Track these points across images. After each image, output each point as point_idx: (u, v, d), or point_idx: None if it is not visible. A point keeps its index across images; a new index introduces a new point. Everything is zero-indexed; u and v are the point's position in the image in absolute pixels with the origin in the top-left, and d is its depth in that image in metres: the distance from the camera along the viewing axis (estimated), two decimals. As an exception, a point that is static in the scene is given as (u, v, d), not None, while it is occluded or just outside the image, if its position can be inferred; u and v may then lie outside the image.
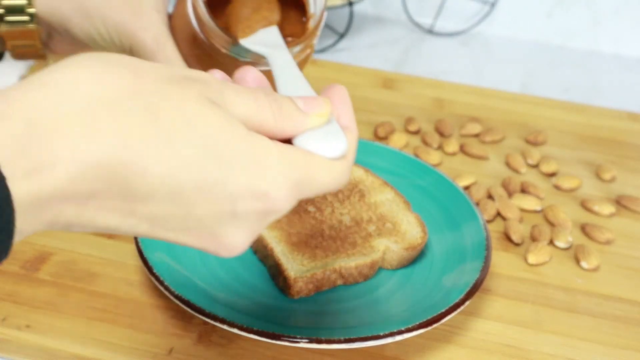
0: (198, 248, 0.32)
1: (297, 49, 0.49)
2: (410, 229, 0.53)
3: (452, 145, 0.68)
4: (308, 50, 0.50)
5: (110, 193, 0.28)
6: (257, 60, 0.49)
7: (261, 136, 0.32)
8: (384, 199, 0.56)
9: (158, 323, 0.47)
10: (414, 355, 0.46)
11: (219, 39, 0.48)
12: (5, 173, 0.25)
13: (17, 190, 0.26)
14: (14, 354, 0.44)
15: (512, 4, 0.92)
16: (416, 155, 0.65)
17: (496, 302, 0.51)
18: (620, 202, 0.63)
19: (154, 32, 0.49)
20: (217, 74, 0.35)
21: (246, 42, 0.48)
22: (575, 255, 0.56)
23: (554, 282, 0.53)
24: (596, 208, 0.61)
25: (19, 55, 0.51)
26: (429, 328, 0.44)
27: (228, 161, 0.30)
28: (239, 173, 0.30)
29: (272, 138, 0.33)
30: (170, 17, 0.51)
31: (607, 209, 0.61)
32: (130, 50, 0.49)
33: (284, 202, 0.32)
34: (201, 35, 0.48)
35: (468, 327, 0.49)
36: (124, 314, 0.47)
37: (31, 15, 0.47)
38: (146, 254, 0.47)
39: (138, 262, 0.51)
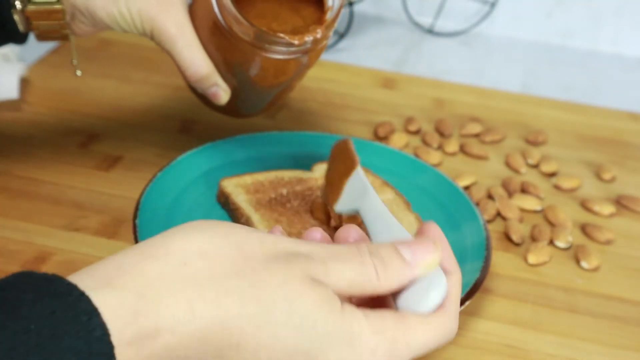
0: None
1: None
2: (410, 229, 0.53)
3: (452, 145, 0.68)
4: (324, 42, 0.51)
5: (204, 356, 0.30)
6: (277, 49, 0.49)
7: (354, 311, 0.32)
8: (384, 199, 0.56)
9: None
10: (414, 355, 0.46)
11: (240, 26, 0.48)
12: (114, 342, 0.27)
13: (121, 355, 0.27)
14: (14, 354, 0.44)
15: (512, 4, 0.92)
16: (416, 155, 0.65)
17: (496, 302, 0.51)
18: (620, 202, 0.63)
19: (174, 17, 0.49)
20: (316, 234, 0.37)
21: (339, 206, 0.47)
22: (576, 255, 0.56)
23: (554, 282, 0.53)
24: (596, 208, 0.61)
25: (42, 36, 0.52)
26: (429, 328, 0.44)
27: (323, 341, 0.31)
28: (329, 349, 0.31)
29: (376, 296, 0.33)
30: (191, 4, 0.52)
31: (607, 209, 0.61)
32: (151, 34, 0.50)
33: None
34: (222, 22, 0.48)
35: (468, 327, 0.49)
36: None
37: None
38: (146, 254, 0.47)
39: (138, 262, 0.51)
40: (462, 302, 0.46)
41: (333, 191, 0.48)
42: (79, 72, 0.57)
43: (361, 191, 0.45)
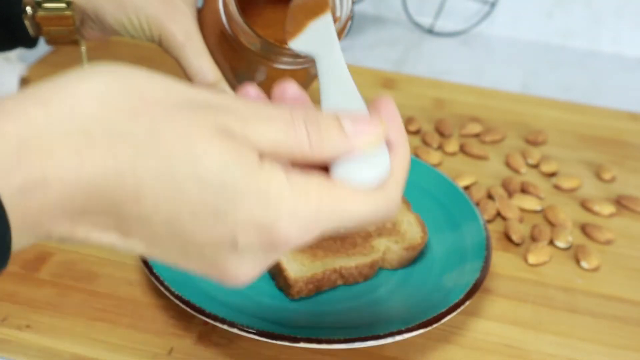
0: (200, 275, 0.31)
1: None
2: (410, 229, 0.53)
3: (452, 145, 0.68)
4: None
5: (103, 212, 0.28)
6: (283, 59, 0.49)
7: (274, 169, 0.29)
8: (384, 199, 0.56)
9: (158, 323, 0.47)
10: (414, 356, 0.46)
11: (246, 36, 0.48)
12: None
13: (9, 204, 0.26)
14: (14, 354, 0.44)
15: (512, 4, 0.92)
16: (416, 155, 0.65)
17: (496, 302, 0.51)
18: (620, 202, 0.63)
19: (183, 24, 0.50)
20: (251, 91, 0.34)
21: (295, 43, 0.44)
22: (576, 255, 0.56)
23: (554, 282, 0.53)
24: (596, 208, 0.61)
25: (53, 41, 0.52)
26: (429, 328, 0.44)
27: (231, 196, 0.28)
28: (241, 207, 0.29)
29: (307, 165, 0.31)
30: (199, 11, 0.52)
31: (607, 209, 0.61)
32: (159, 40, 0.51)
33: (295, 236, 0.30)
34: (229, 31, 0.48)
35: (468, 327, 0.49)
36: (124, 314, 0.47)
37: (68, 3, 0.49)
38: (146, 254, 0.47)
39: (138, 262, 0.51)
40: (462, 302, 0.46)
41: (293, 26, 0.44)
42: None
43: (325, 40, 0.41)
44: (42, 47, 0.77)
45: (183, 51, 0.50)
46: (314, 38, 0.42)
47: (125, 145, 0.27)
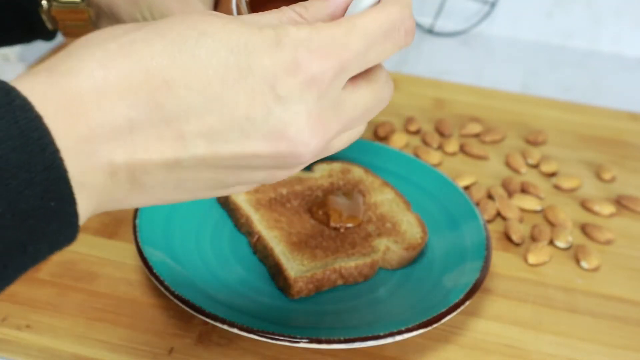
0: (272, 159, 0.31)
1: None
2: (410, 229, 0.53)
3: (452, 145, 0.68)
4: None
5: (149, 120, 0.29)
6: None
7: (277, 24, 0.31)
8: (384, 199, 0.56)
9: (158, 323, 0.47)
10: (414, 355, 0.46)
11: None
12: (41, 112, 0.26)
13: (55, 127, 0.26)
14: (14, 354, 0.44)
15: (512, 4, 0.92)
16: (416, 155, 0.65)
17: (496, 302, 0.51)
18: (620, 202, 0.63)
19: None
20: None
21: None
22: (576, 255, 0.56)
23: (554, 282, 0.53)
24: (596, 208, 0.61)
25: (69, 33, 0.53)
26: (429, 328, 0.44)
27: (246, 49, 0.29)
28: (260, 56, 0.29)
29: None
30: (214, 9, 0.52)
31: (608, 209, 0.61)
32: None
33: (325, 64, 0.30)
34: None
35: (468, 327, 0.49)
36: (124, 314, 0.47)
37: None
38: (146, 254, 0.47)
39: (138, 262, 0.51)
40: (462, 302, 0.46)
41: None
42: None
43: None
44: (42, 47, 0.77)
45: None
46: None
47: (136, 44, 0.29)
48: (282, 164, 0.31)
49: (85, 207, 0.28)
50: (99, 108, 0.28)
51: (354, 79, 0.32)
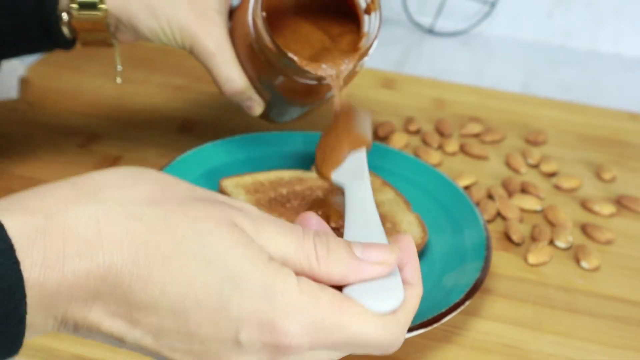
0: None
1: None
2: (410, 229, 0.53)
3: (452, 145, 0.68)
4: (358, 68, 0.51)
5: (114, 297, 0.29)
6: (306, 77, 0.49)
7: (284, 269, 0.30)
8: (384, 198, 0.56)
9: (158, 323, 0.47)
10: (414, 355, 0.46)
11: (272, 53, 0.48)
12: (20, 258, 0.27)
13: (28, 276, 0.27)
14: (14, 354, 0.44)
15: (512, 4, 0.92)
16: (416, 155, 0.65)
17: (496, 302, 0.51)
18: (620, 202, 0.63)
19: (215, 35, 0.50)
20: (312, 220, 0.34)
21: (337, 174, 0.45)
22: (576, 255, 0.56)
23: (554, 282, 0.53)
24: (596, 208, 0.61)
25: (87, 44, 0.54)
26: (429, 328, 0.44)
27: (236, 285, 0.29)
28: (246, 298, 0.29)
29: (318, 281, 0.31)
30: (231, 21, 0.52)
31: (608, 209, 0.61)
32: (190, 49, 0.51)
33: (298, 340, 0.29)
34: (257, 46, 0.49)
35: (468, 327, 0.49)
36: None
37: (102, 10, 0.50)
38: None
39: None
40: (462, 302, 0.46)
41: (332, 156, 0.46)
42: (119, 80, 0.58)
43: (358, 172, 0.42)
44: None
45: (213, 60, 0.51)
46: (350, 169, 0.43)
47: (139, 223, 0.29)
48: None
49: (28, 337, 0.29)
50: (78, 272, 0.28)
51: None
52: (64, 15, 0.51)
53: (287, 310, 0.29)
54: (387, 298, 0.31)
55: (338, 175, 0.44)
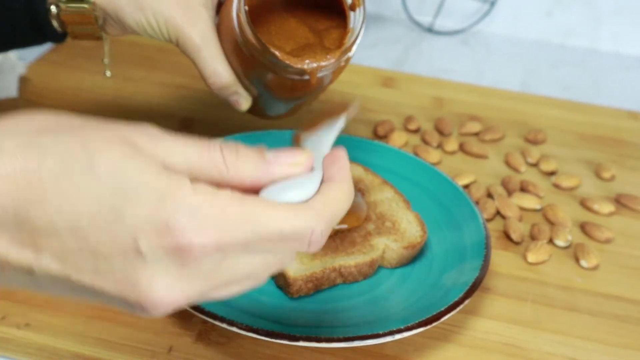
0: (119, 300, 0.30)
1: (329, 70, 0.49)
2: (409, 227, 0.53)
3: (451, 144, 0.68)
4: (342, 63, 0.51)
5: (16, 224, 0.29)
6: (289, 73, 0.49)
7: (177, 175, 0.30)
8: (384, 197, 0.56)
9: (157, 322, 0.47)
10: (413, 354, 0.46)
11: (256, 49, 0.48)
12: None
13: None
14: (14, 353, 0.44)
15: (512, 3, 0.92)
16: (416, 154, 0.65)
17: (496, 301, 0.51)
18: (619, 201, 0.63)
19: (200, 28, 0.51)
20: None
21: (306, 139, 0.45)
22: (575, 254, 0.56)
23: (553, 281, 0.53)
24: (596, 207, 0.61)
25: (77, 37, 0.54)
26: (429, 327, 0.44)
27: (127, 195, 0.29)
28: (138, 207, 0.29)
29: (229, 187, 0.31)
30: (218, 16, 0.52)
31: (607, 207, 0.61)
32: (176, 42, 0.52)
33: (198, 239, 0.29)
34: (241, 41, 0.49)
35: (467, 325, 0.49)
36: (123, 313, 0.47)
37: (89, 3, 0.51)
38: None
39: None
40: (462, 301, 0.46)
41: (309, 123, 0.47)
42: (108, 73, 0.58)
43: (326, 139, 0.43)
44: (42, 46, 0.77)
45: (199, 54, 0.51)
46: (318, 140, 0.44)
47: (32, 150, 0.29)
48: (131, 308, 0.31)
49: None
50: None
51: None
52: (53, 8, 0.52)
53: (180, 209, 0.29)
54: (295, 190, 0.31)
55: (310, 142, 0.44)
